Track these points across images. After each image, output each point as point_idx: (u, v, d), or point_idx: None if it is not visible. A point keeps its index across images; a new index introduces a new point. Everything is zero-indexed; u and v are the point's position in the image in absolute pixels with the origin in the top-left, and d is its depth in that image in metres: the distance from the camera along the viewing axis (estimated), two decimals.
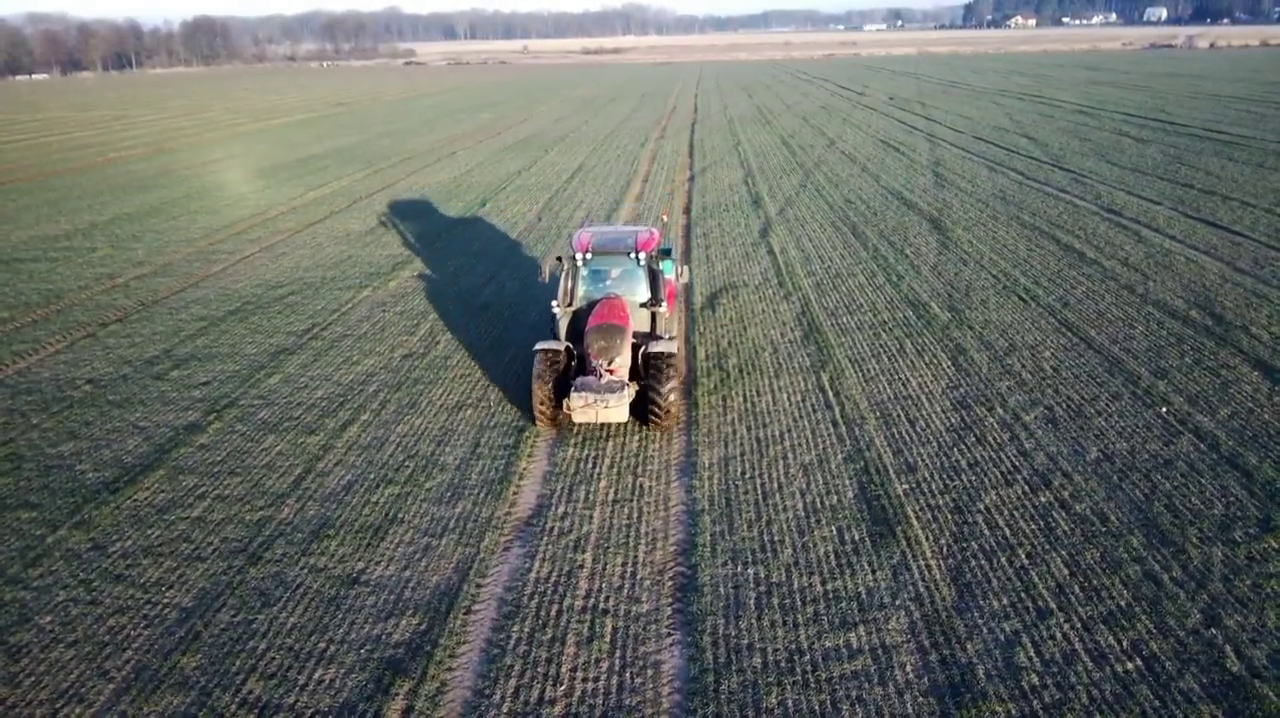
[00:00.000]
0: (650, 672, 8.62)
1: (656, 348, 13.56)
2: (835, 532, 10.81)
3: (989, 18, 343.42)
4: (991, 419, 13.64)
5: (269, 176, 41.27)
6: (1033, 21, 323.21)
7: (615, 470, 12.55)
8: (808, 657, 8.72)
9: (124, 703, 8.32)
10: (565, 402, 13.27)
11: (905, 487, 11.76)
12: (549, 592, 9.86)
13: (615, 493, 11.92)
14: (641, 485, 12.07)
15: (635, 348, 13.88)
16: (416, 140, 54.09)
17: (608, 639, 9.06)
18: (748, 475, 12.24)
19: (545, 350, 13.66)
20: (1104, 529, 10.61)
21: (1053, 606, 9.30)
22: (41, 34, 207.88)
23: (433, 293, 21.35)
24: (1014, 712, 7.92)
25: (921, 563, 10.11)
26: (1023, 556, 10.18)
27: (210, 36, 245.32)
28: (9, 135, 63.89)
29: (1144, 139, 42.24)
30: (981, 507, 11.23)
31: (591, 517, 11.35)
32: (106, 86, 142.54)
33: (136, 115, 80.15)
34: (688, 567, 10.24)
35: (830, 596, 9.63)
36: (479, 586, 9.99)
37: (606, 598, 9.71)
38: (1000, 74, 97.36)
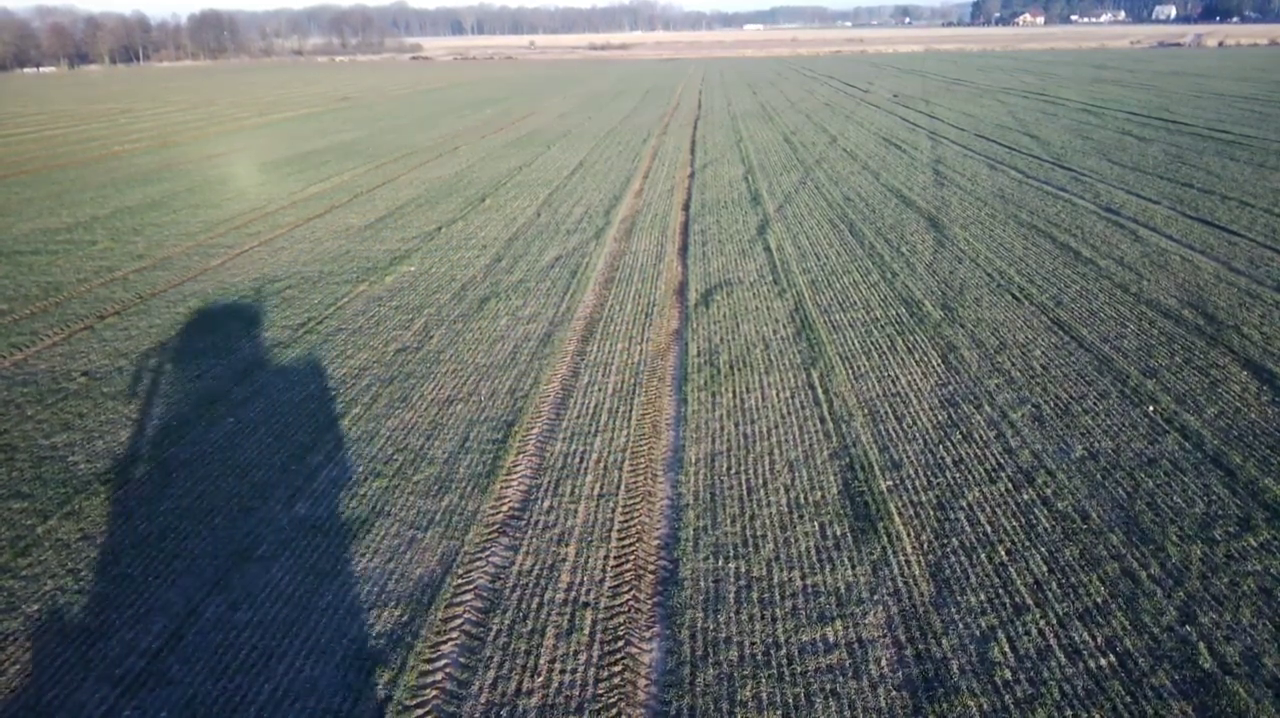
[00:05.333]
0: (628, 664, 8.71)
1: None
2: (817, 527, 10.88)
3: (997, 15, 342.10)
4: (979, 417, 13.69)
5: (270, 171, 41.42)
6: (1041, 19, 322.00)
7: (602, 466, 12.62)
8: (784, 650, 8.79)
9: (104, 693, 8.43)
10: None
11: (889, 483, 11.82)
12: (531, 585, 9.95)
13: (601, 488, 11.99)
14: (627, 481, 12.15)
15: None
16: (419, 135, 54.20)
17: (586, 632, 9.15)
18: (733, 471, 12.31)
19: None
20: (1084, 527, 10.66)
21: (1029, 602, 9.36)
22: (49, 27, 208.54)
23: (431, 287, 21.44)
24: (985, 706, 8.00)
25: (901, 559, 10.17)
26: (1002, 552, 10.24)
27: (217, 30, 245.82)
28: (15, 128, 64.17)
29: (1146, 138, 42.15)
30: (964, 504, 11.28)
31: (576, 511, 11.43)
32: (113, 80, 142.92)
33: (142, 109, 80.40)
34: (669, 561, 10.32)
35: (809, 590, 9.70)
36: (462, 578, 10.09)
37: (587, 591, 9.79)
38: (1006, 72, 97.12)
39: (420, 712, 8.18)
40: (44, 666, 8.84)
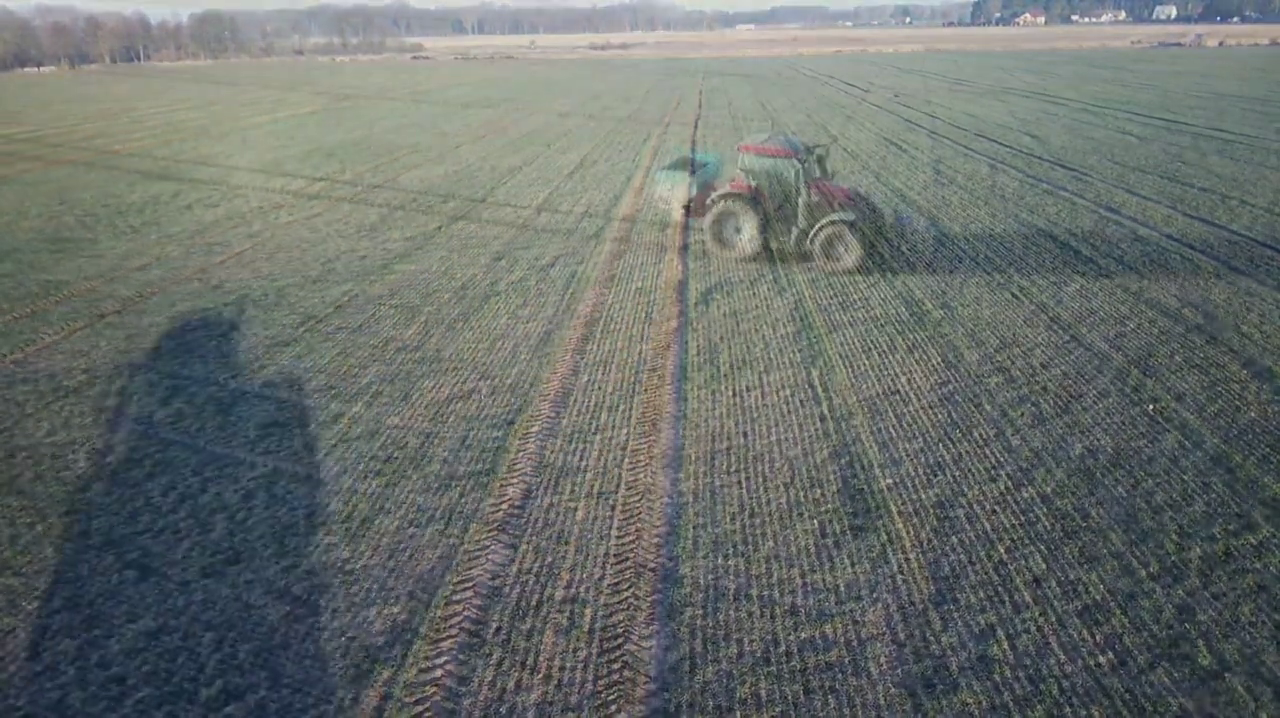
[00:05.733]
0: (627, 661, 8.72)
1: None
2: (817, 525, 10.89)
3: (997, 15, 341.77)
4: (978, 415, 13.69)
5: (271, 170, 41.41)
6: (1041, 19, 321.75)
7: (602, 463, 12.63)
8: (784, 648, 8.81)
9: (104, 692, 8.44)
10: None
11: (889, 481, 11.83)
12: (530, 582, 9.96)
13: (601, 486, 12.01)
14: (627, 479, 12.16)
15: None
16: (420, 134, 54.19)
17: (586, 629, 9.17)
18: (733, 469, 12.32)
19: None
20: (1084, 525, 10.68)
21: (1028, 599, 9.37)
22: (50, 26, 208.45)
23: (432, 286, 21.45)
24: (984, 703, 8.01)
25: (901, 557, 10.19)
26: (1001, 550, 10.25)
27: (218, 30, 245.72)
28: (17, 128, 64.16)
29: (1146, 137, 42.15)
30: (964, 502, 11.30)
31: (576, 509, 11.45)
32: (114, 79, 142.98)
33: (143, 108, 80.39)
34: (669, 558, 10.33)
35: (809, 588, 9.72)
36: (462, 575, 10.10)
37: (587, 589, 9.81)
38: (1006, 71, 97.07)
39: (420, 708, 8.20)
40: (44, 663, 8.85)
